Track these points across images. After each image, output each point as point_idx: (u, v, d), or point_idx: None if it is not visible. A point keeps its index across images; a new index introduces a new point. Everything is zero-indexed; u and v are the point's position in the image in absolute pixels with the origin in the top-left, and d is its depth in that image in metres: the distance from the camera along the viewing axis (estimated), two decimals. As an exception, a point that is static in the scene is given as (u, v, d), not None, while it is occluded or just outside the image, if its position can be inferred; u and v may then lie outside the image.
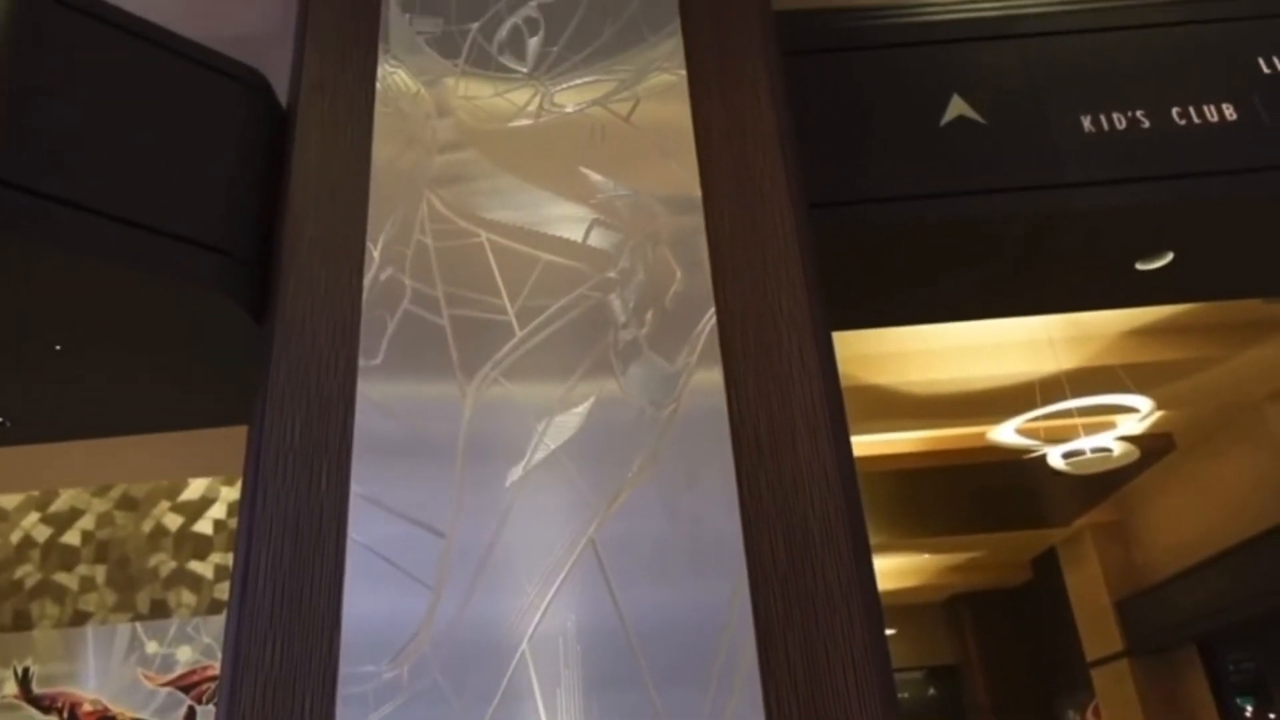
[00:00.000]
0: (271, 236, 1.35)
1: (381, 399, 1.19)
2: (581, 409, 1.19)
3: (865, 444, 3.56)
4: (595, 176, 1.34)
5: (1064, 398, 3.25)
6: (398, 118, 1.39)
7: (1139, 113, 1.63)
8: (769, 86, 1.44)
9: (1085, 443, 3.56)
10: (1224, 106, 1.64)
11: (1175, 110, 1.63)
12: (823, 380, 1.22)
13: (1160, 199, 1.57)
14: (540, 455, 1.17)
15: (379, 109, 1.41)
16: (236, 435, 1.54)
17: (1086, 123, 1.63)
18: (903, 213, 1.56)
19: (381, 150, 1.37)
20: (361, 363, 1.21)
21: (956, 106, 1.64)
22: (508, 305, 1.25)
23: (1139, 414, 3.54)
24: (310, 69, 1.48)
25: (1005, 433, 3.68)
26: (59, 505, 2.76)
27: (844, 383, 3.52)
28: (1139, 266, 1.75)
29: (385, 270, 1.28)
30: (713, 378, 1.20)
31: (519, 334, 1.23)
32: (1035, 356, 3.35)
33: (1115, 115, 1.63)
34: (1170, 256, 1.73)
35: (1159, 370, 3.43)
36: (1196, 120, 1.62)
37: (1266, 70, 1.67)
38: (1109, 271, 1.76)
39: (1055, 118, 1.63)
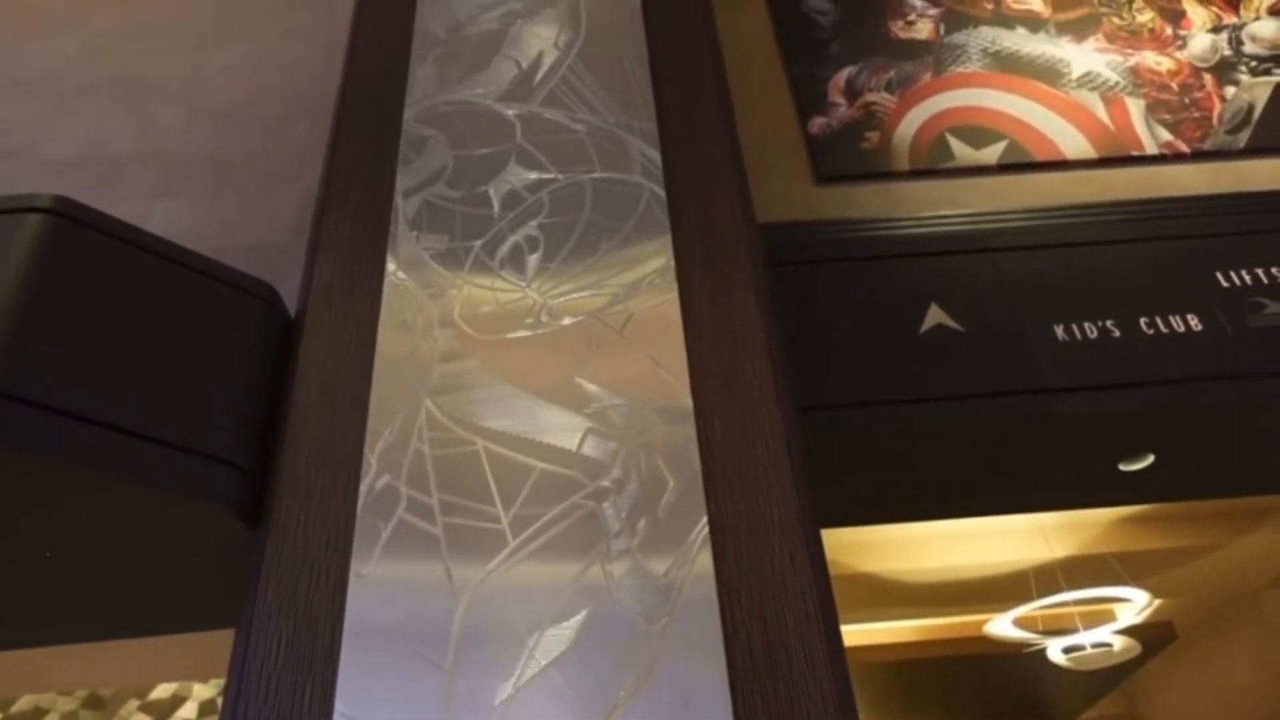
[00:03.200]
0: (272, 443, 1.38)
1: (371, 612, 1.18)
2: (573, 622, 1.17)
3: (861, 633, 3.47)
4: (590, 387, 1.39)
5: (1058, 586, 3.21)
6: (401, 329, 1.46)
7: (1109, 323, 1.71)
8: (756, 298, 1.52)
9: (1085, 637, 3.49)
10: (1189, 317, 1.72)
11: (1143, 320, 1.72)
12: (815, 590, 1.22)
13: (1133, 405, 1.62)
14: (531, 671, 1.14)
15: (384, 319, 1.47)
16: (213, 638, 1.50)
17: (1060, 331, 1.70)
18: (887, 416, 1.61)
19: (384, 360, 1.42)
20: (353, 574, 1.21)
21: (935, 315, 1.72)
22: (501, 514, 1.26)
23: (1136, 605, 3.49)
24: (320, 278, 1.55)
25: (1003, 625, 3.61)
26: (21, 705, 2.63)
27: (836, 571, 3.49)
28: (1122, 467, 1.78)
29: (382, 478, 1.29)
30: (705, 590, 1.19)
31: (511, 543, 1.24)
32: (1028, 544, 3.33)
33: (1086, 325, 1.71)
34: (1151, 458, 1.76)
35: (1153, 558, 3.41)
36: (1164, 330, 1.70)
37: (1224, 284, 1.77)
38: (1092, 472, 1.79)
39: (1030, 326, 1.71)
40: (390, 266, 1.54)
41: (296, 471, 1.31)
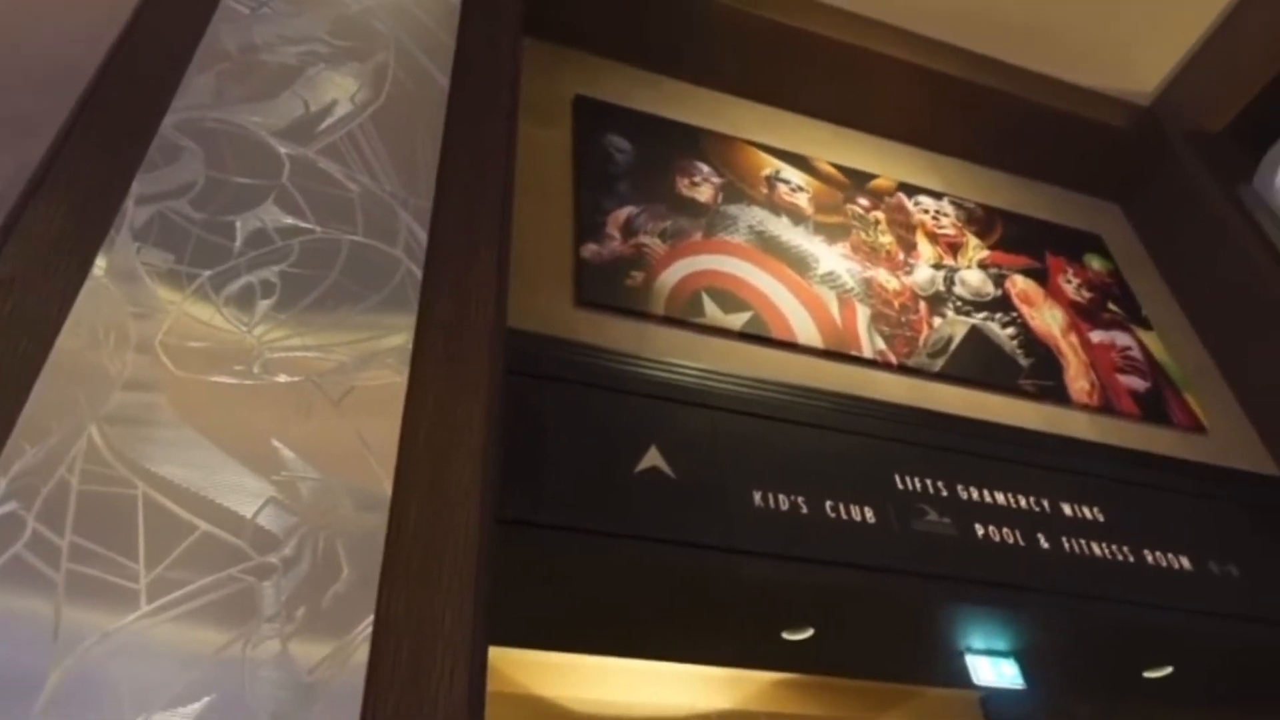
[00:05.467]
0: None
1: (-57, 659, 0.99)
2: (191, 709, 1.05)
3: (517, 761, 3.37)
4: (286, 453, 1.30)
5: (713, 739, 3.32)
6: (89, 342, 1.30)
7: (800, 498, 1.85)
8: (486, 400, 1.50)
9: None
10: (865, 509, 1.90)
11: (829, 503, 1.88)
12: (467, 713, 1.18)
13: (806, 579, 1.75)
14: (127, 759, 1.00)
15: (70, 325, 1.31)
16: None
17: (758, 497, 1.82)
18: (586, 545, 1.62)
19: (56, 370, 1.26)
20: (-66, 610, 1.02)
21: (652, 457, 1.79)
22: (142, 571, 1.12)
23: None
24: (4, 264, 1.36)
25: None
26: None
27: (511, 690, 3.39)
28: (785, 635, 1.90)
29: (7, 504, 1.12)
30: (351, 696, 1.12)
31: (144, 607, 1.10)
32: (696, 690, 3.44)
33: (781, 495, 1.84)
34: (811, 631, 1.90)
35: (801, 723, 3.63)
36: (844, 516, 1.87)
37: (900, 486, 1.98)
38: (759, 636, 1.90)
39: (733, 487, 1.81)
40: (97, 271, 1.38)
41: (-101, 474, 1.11)
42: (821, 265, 2.57)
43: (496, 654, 3.10)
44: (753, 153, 2.87)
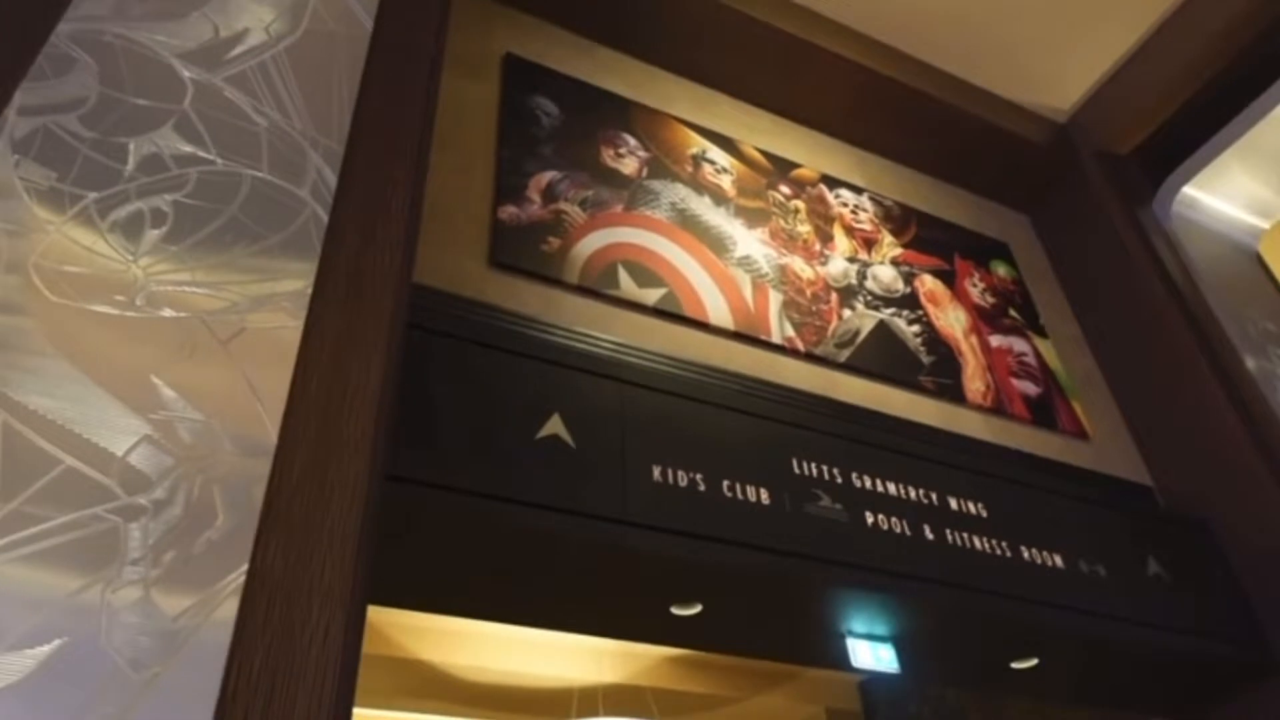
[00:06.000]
0: None
1: None
2: (40, 651, 0.99)
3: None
4: (167, 391, 1.23)
5: (597, 710, 3.34)
6: (-49, 256, 1.21)
7: (698, 476, 1.86)
8: (384, 353, 1.45)
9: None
10: (761, 490, 1.92)
11: (725, 483, 1.89)
12: (339, 671, 1.14)
13: (698, 556, 1.75)
14: (-37, 699, 0.94)
15: (-68, 238, 1.21)
16: None
17: (656, 472, 1.82)
18: (477, 507, 1.59)
19: (-88, 284, 1.16)
20: None
21: (554, 425, 1.77)
22: (-4, 505, 1.05)
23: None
24: None
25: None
26: None
27: (396, 654, 3.34)
28: (674, 610, 1.91)
29: None
30: (217, 646, 1.07)
31: (-4, 542, 1.03)
32: (584, 663, 3.45)
33: (680, 472, 1.84)
34: (700, 607, 1.91)
35: (685, 700, 3.68)
36: (740, 496, 1.88)
37: (796, 471, 2.00)
38: (650, 610, 1.90)
39: (633, 461, 1.80)
40: (-33, 182, 1.28)
41: None
42: (739, 248, 2.58)
43: (382, 616, 3.06)
44: (681, 130, 2.85)
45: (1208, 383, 2.79)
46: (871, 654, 2.06)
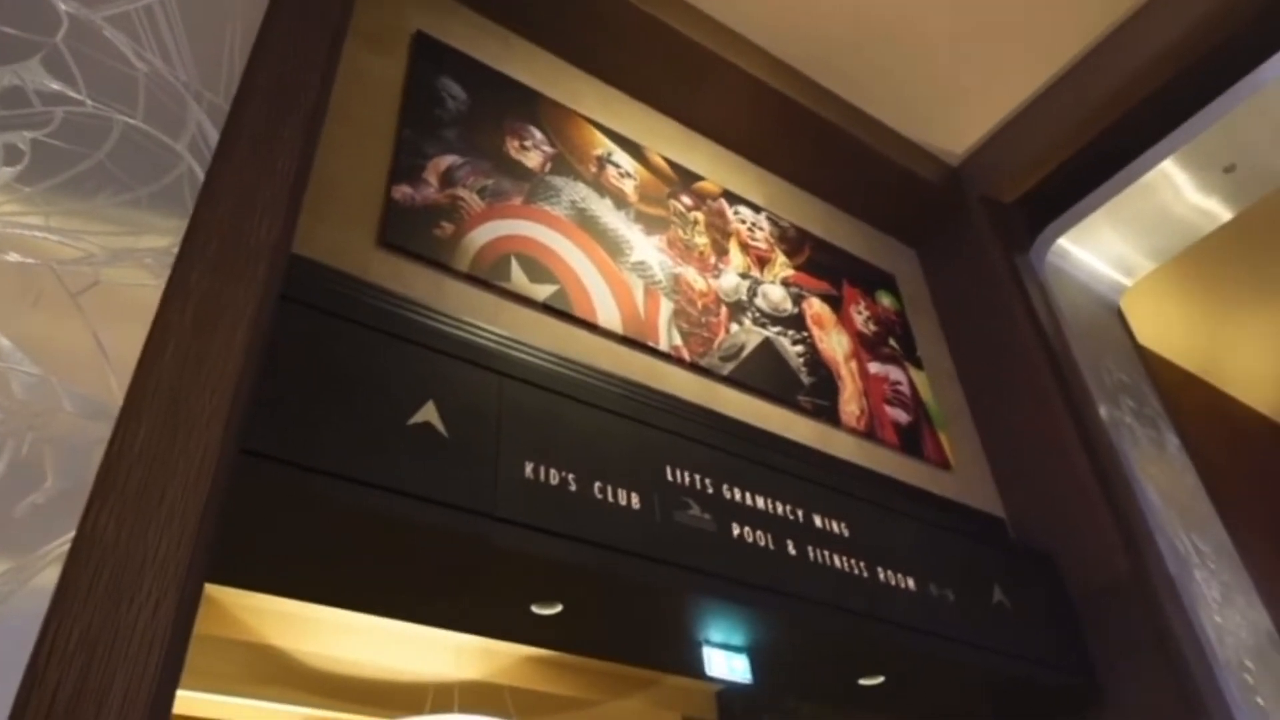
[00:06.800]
0: None
1: None
2: None
3: (230, 708, 3.20)
4: (3, 341, 1.15)
5: (451, 707, 3.29)
6: None
7: (571, 476, 1.85)
8: (251, 323, 1.40)
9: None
10: (633, 495, 1.93)
11: (598, 484, 1.89)
12: (165, 650, 1.09)
13: (560, 555, 1.75)
14: None
15: None
16: None
17: (529, 469, 1.80)
18: (334, 489, 1.54)
19: None
20: None
21: (428, 412, 1.73)
22: None
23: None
24: None
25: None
26: None
27: (240, 637, 3.20)
28: (534, 609, 1.90)
29: None
30: (31, 616, 1.00)
31: None
32: (442, 658, 3.39)
33: (553, 471, 1.83)
34: (560, 608, 1.90)
35: (543, 701, 3.66)
36: (610, 499, 1.88)
37: (669, 478, 2.02)
38: (509, 607, 1.88)
39: (506, 455, 1.78)
40: None
41: None
42: (635, 253, 2.59)
43: (231, 597, 2.93)
44: (588, 129, 2.85)
45: (1063, 424, 2.95)
46: (726, 664, 2.09)
